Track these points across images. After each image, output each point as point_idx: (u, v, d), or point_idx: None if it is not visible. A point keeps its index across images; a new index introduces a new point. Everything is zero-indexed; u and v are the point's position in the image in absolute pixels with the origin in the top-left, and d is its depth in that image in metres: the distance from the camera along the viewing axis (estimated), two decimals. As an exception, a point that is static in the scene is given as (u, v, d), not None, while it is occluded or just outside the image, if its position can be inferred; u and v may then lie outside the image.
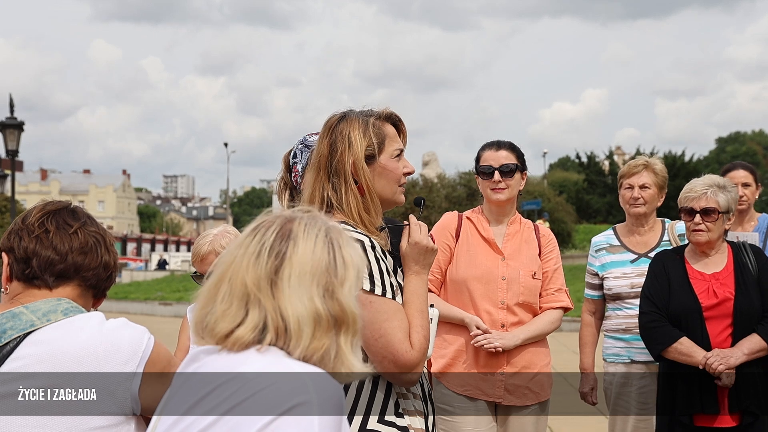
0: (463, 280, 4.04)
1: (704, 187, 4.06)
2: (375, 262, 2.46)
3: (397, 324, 2.42)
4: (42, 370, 1.96)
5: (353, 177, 2.54)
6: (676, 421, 3.97)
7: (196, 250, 3.70)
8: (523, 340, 3.97)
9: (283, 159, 3.51)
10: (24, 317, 2.04)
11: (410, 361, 2.41)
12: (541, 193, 36.06)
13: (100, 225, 2.30)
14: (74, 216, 2.23)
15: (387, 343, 2.39)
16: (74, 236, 2.17)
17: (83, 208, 2.33)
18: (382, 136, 2.59)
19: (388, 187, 2.60)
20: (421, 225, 2.61)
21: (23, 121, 20.27)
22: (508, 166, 4.09)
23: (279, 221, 1.72)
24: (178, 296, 27.29)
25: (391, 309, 2.44)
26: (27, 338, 2.00)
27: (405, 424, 2.46)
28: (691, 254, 4.15)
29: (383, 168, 2.58)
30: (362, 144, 2.54)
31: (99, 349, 1.99)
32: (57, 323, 2.04)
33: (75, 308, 2.10)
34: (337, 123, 2.60)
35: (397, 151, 2.61)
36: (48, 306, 2.08)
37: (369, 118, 2.59)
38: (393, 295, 2.47)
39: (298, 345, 1.63)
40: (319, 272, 1.66)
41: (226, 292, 1.66)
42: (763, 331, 3.95)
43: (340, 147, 2.55)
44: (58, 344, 1.99)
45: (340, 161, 2.55)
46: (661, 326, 4.02)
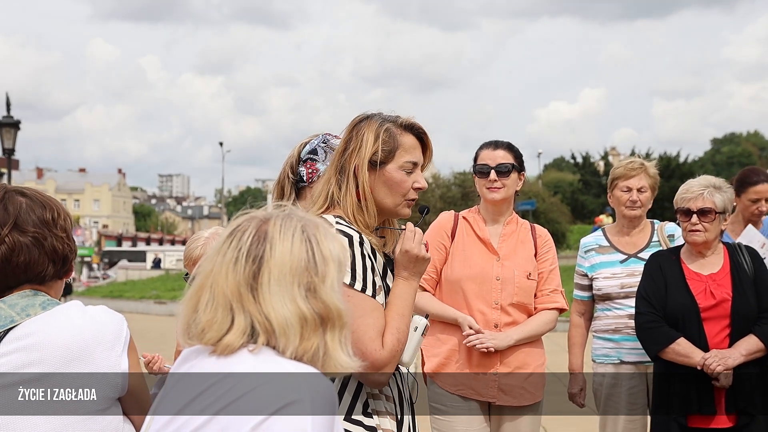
0: (457, 279, 4.03)
1: (700, 188, 4.06)
2: (360, 258, 2.45)
3: (371, 322, 2.41)
4: (32, 364, 1.94)
5: (355, 178, 2.53)
6: (672, 421, 3.97)
7: (188, 253, 3.68)
8: (516, 341, 3.96)
9: (296, 148, 3.33)
10: (2, 313, 2.01)
11: (378, 361, 2.38)
12: (536, 194, 36.11)
13: (40, 204, 2.11)
14: (5, 216, 2.06)
15: (357, 339, 2.35)
16: (3, 245, 2.03)
17: (17, 188, 2.15)
18: (394, 145, 2.55)
19: (389, 197, 2.57)
20: (417, 232, 2.58)
21: (19, 120, 20.27)
22: (504, 165, 4.08)
23: (254, 224, 1.70)
24: (172, 295, 27.29)
25: (368, 306, 2.42)
26: (8, 334, 1.98)
27: (373, 424, 2.45)
28: (687, 255, 4.16)
29: (388, 177, 2.55)
30: (370, 148, 2.52)
31: (86, 336, 1.99)
32: (37, 317, 2.01)
33: (51, 301, 2.08)
34: (359, 122, 2.59)
35: (409, 164, 2.56)
36: (25, 301, 2.04)
37: (387, 124, 2.56)
38: (373, 293, 2.45)
39: (288, 346, 1.62)
40: (299, 272, 1.65)
41: (209, 300, 1.65)
42: (760, 332, 3.95)
43: (352, 146, 2.55)
44: (44, 337, 1.97)
45: (348, 160, 2.55)
46: (658, 327, 4.02)
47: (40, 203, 2.12)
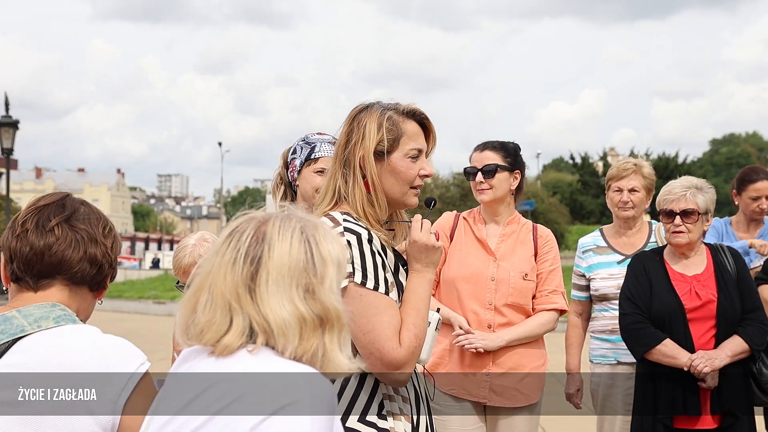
0: (452, 279, 4.04)
1: (683, 189, 4.07)
2: (370, 255, 2.39)
3: (386, 320, 2.34)
4: (28, 378, 1.90)
5: (361, 170, 2.48)
6: (657, 422, 3.97)
7: (177, 262, 3.65)
8: (508, 342, 3.94)
9: (281, 155, 3.52)
10: (15, 321, 1.99)
11: (396, 359, 2.33)
12: (535, 194, 36.09)
13: (96, 215, 2.18)
14: (60, 210, 2.12)
15: (374, 338, 2.32)
16: (50, 233, 2.08)
17: (80, 199, 2.22)
18: (398, 133, 2.49)
19: (396, 187, 2.51)
20: (425, 223, 2.52)
21: (18, 120, 20.33)
22: (489, 166, 4.07)
23: (253, 224, 1.69)
24: (171, 295, 27.25)
25: (382, 304, 2.36)
26: (15, 344, 1.95)
27: (387, 426, 2.39)
28: (670, 256, 4.16)
29: (393, 167, 2.49)
30: (374, 138, 2.46)
31: (85, 366, 1.92)
32: (47, 331, 1.98)
33: (67, 317, 2.04)
34: (359, 113, 2.53)
35: (413, 151, 2.50)
36: (41, 312, 2.02)
37: (388, 112, 2.50)
38: (386, 290, 2.39)
39: (287, 347, 1.62)
40: (297, 273, 1.64)
41: (208, 301, 1.65)
42: (744, 333, 3.97)
43: (354, 138, 2.49)
44: (44, 355, 1.93)
45: (351, 152, 2.49)
46: (643, 328, 4.01)
47: (96, 214, 2.19)
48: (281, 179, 3.50)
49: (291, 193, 3.47)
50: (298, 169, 3.39)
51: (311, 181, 3.34)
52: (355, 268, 2.35)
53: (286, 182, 3.49)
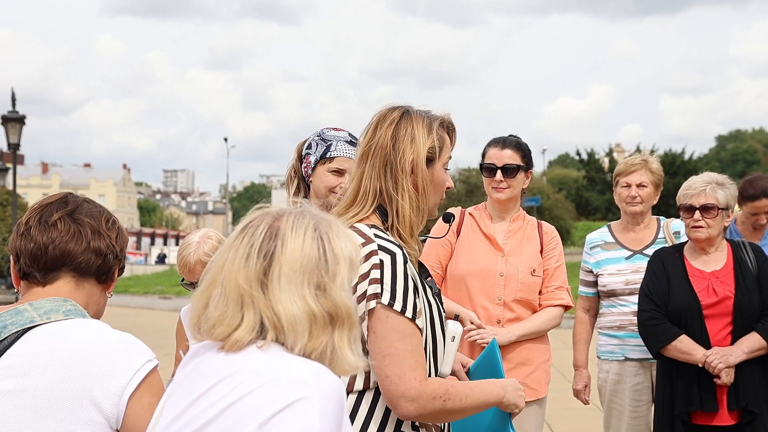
0: (461, 275, 4.04)
1: (703, 184, 4.06)
2: (402, 278, 2.27)
3: (410, 348, 2.23)
4: (33, 372, 1.92)
5: (412, 175, 2.38)
6: (676, 418, 3.98)
7: (181, 260, 3.64)
8: (518, 337, 3.96)
9: (296, 148, 3.47)
10: (26, 314, 2.02)
11: (415, 390, 2.20)
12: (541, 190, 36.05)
13: (97, 209, 2.21)
14: (63, 206, 2.16)
15: (394, 362, 2.21)
16: (53, 227, 2.11)
17: (82, 195, 2.26)
18: (443, 142, 2.44)
19: (432, 197, 2.44)
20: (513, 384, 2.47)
21: (24, 115, 20.38)
22: (510, 165, 4.07)
23: (267, 219, 1.69)
24: (177, 290, 27.31)
25: (407, 330, 2.24)
26: (25, 335, 1.98)
27: None
28: (690, 252, 4.16)
29: (435, 176, 2.42)
30: (425, 144, 2.39)
31: (92, 358, 1.94)
32: (56, 323, 2.01)
33: (77, 311, 2.07)
34: (401, 117, 2.42)
35: (447, 162, 2.48)
36: (51, 305, 2.05)
37: (434, 121, 2.43)
38: (414, 315, 2.27)
39: (297, 343, 1.62)
40: (309, 269, 1.64)
41: (220, 295, 1.64)
42: (763, 330, 3.95)
43: (403, 141, 2.38)
44: (51, 346, 1.96)
45: (402, 155, 2.37)
46: (660, 324, 4.02)
47: (99, 209, 2.22)
48: (295, 172, 3.46)
49: (305, 187, 3.43)
50: (312, 166, 3.35)
51: (325, 180, 3.31)
52: (384, 289, 2.25)
53: (300, 176, 3.44)
